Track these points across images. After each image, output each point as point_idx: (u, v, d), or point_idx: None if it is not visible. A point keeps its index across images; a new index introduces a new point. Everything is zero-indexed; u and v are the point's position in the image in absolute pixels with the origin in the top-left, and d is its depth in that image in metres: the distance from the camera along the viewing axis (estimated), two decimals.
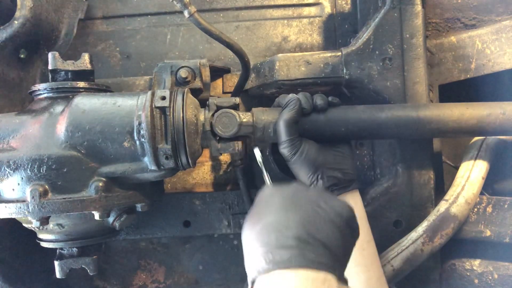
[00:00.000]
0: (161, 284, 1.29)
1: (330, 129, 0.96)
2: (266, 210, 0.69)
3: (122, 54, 1.27)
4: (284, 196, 0.70)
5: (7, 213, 0.87)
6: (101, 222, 0.95)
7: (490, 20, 1.19)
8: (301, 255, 0.59)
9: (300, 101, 0.93)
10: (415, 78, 1.06)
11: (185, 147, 0.90)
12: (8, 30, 1.06)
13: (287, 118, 0.91)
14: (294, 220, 0.64)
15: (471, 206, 1.06)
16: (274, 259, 0.60)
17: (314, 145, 0.94)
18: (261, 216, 0.68)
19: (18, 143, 0.89)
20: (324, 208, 0.67)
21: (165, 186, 1.23)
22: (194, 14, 0.99)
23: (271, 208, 0.68)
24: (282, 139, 0.92)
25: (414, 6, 1.06)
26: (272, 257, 0.60)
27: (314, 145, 0.94)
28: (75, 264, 1.00)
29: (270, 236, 0.63)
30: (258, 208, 0.72)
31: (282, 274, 0.59)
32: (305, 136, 0.95)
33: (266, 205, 0.70)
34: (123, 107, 0.90)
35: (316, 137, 0.95)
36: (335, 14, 1.25)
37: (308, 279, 0.58)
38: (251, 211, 0.73)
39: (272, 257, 0.60)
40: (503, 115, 0.96)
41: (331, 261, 0.61)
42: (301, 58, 1.09)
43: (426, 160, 1.10)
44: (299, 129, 0.94)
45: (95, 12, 1.27)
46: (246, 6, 1.27)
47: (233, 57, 1.14)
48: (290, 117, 0.91)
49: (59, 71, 1.00)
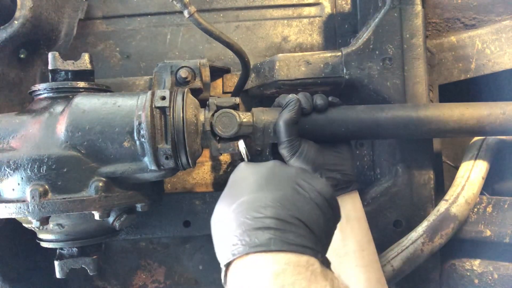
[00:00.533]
0: (161, 284, 1.29)
1: (330, 129, 0.95)
2: (242, 188, 0.63)
3: (122, 54, 1.27)
4: (261, 173, 0.65)
5: (7, 213, 0.87)
6: (101, 222, 0.95)
7: (490, 20, 1.19)
8: (281, 237, 0.54)
9: (300, 101, 0.93)
10: (415, 78, 1.06)
11: (185, 147, 0.90)
12: (8, 30, 1.06)
13: (287, 118, 0.91)
14: (272, 199, 0.58)
15: (471, 206, 1.06)
16: (251, 241, 0.54)
17: (313, 146, 0.93)
18: (236, 194, 0.62)
19: (18, 143, 0.89)
20: (304, 186, 0.62)
21: (165, 186, 1.23)
22: (194, 14, 0.99)
23: (248, 186, 0.62)
24: (281, 139, 0.92)
25: (414, 6, 1.06)
26: (249, 239, 0.54)
27: (313, 146, 0.93)
28: (75, 264, 1.00)
29: (246, 216, 0.57)
30: (233, 186, 0.67)
31: (260, 258, 0.53)
32: (305, 136, 0.94)
33: (242, 183, 0.64)
34: (123, 107, 0.90)
35: (316, 137, 0.95)
36: (335, 14, 1.25)
37: (290, 264, 0.52)
38: (225, 190, 0.67)
39: (249, 239, 0.54)
40: (503, 115, 0.96)
41: (314, 243, 0.56)
42: (301, 58, 1.09)
43: (426, 160, 1.10)
44: (299, 129, 0.93)
45: (95, 12, 1.27)
46: (246, 6, 1.27)
47: (233, 57, 1.14)
48: (289, 117, 0.91)
49: (59, 71, 1.00)
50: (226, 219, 0.60)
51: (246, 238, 0.55)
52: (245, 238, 0.55)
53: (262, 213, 0.56)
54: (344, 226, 0.88)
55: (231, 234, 0.57)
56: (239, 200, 0.60)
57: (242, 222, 0.57)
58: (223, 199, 0.65)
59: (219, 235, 0.61)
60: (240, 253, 0.54)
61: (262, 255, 0.53)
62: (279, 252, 0.53)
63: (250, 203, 0.59)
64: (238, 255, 0.54)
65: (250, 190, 0.61)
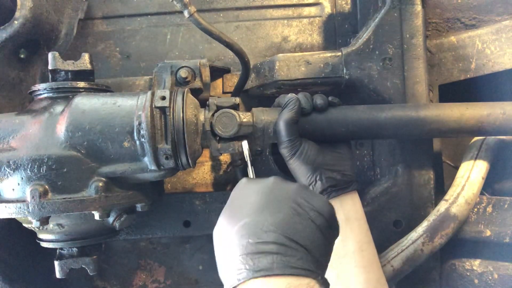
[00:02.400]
0: (161, 284, 1.29)
1: (330, 129, 0.95)
2: (244, 208, 0.66)
3: (122, 54, 1.27)
4: (261, 192, 0.67)
5: (7, 213, 0.87)
6: (101, 222, 0.95)
7: (490, 20, 1.19)
8: (282, 261, 0.57)
9: (299, 101, 0.93)
10: (415, 78, 1.06)
11: (185, 147, 0.90)
12: (8, 30, 1.06)
13: (286, 118, 0.91)
14: (273, 223, 0.61)
15: (471, 206, 1.06)
16: (254, 266, 0.57)
17: (313, 146, 0.93)
18: (238, 214, 0.65)
19: (18, 143, 0.89)
20: (304, 206, 0.64)
21: (165, 186, 1.23)
22: (194, 14, 0.99)
23: (248, 206, 0.65)
24: (281, 139, 0.92)
25: (414, 6, 1.06)
26: (252, 264, 0.57)
27: (313, 146, 0.93)
28: (75, 264, 1.00)
29: (248, 240, 0.60)
30: (234, 205, 0.70)
31: (263, 282, 0.56)
32: (305, 136, 0.94)
33: (243, 202, 0.67)
34: (123, 107, 0.90)
35: (316, 137, 0.95)
36: (335, 14, 1.25)
37: (291, 287, 0.55)
38: (227, 207, 0.70)
39: (252, 263, 0.57)
40: (503, 115, 0.96)
41: (313, 265, 0.59)
42: (301, 58, 1.09)
43: (426, 160, 1.10)
44: (299, 129, 0.93)
45: (95, 12, 1.27)
46: (246, 6, 1.27)
47: (233, 57, 1.14)
48: (289, 117, 0.91)
49: (59, 71, 1.00)
50: (229, 240, 0.63)
51: (250, 263, 0.58)
52: (248, 262, 0.58)
53: (264, 239, 0.59)
54: (343, 227, 0.88)
55: (235, 257, 0.60)
56: (241, 222, 0.63)
57: (245, 245, 0.60)
58: (226, 217, 0.68)
59: (223, 256, 0.64)
60: (245, 278, 0.57)
61: (266, 280, 0.56)
62: (281, 276, 0.56)
63: (252, 226, 0.61)
64: (242, 280, 0.57)
65: (252, 212, 0.64)
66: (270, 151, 1.21)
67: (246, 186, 0.72)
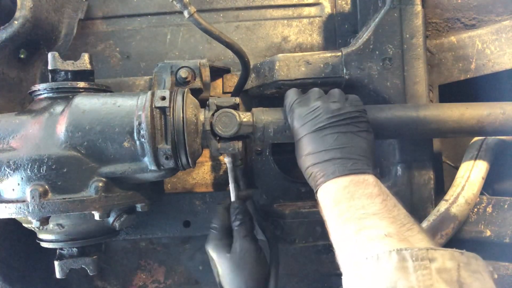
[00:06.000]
0: (161, 284, 1.30)
1: None
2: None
3: (122, 54, 1.27)
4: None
5: (7, 213, 0.87)
6: (101, 222, 0.95)
7: (490, 20, 1.19)
8: (341, 167, 0.80)
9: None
10: (415, 78, 1.06)
11: (185, 147, 0.90)
12: (8, 30, 1.06)
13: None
14: (329, 145, 0.83)
15: (471, 206, 1.06)
16: (325, 173, 0.80)
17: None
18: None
19: (18, 143, 0.89)
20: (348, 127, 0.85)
21: (165, 186, 1.23)
22: (194, 14, 0.99)
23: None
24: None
25: (414, 6, 1.06)
26: (323, 172, 0.81)
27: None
28: (75, 264, 1.00)
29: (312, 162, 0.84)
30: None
31: (333, 181, 0.79)
32: None
33: None
34: (123, 107, 0.90)
35: None
36: (335, 14, 1.25)
37: (352, 180, 0.78)
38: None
39: (323, 172, 0.81)
40: (503, 115, 0.96)
41: (365, 165, 0.81)
42: (301, 58, 1.09)
43: (426, 160, 1.10)
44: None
45: (95, 12, 1.27)
46: (246, 6, 1.27)
47: (233, 57, 1.14)
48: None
49: (59, 71, 1.00)
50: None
51: (321, 173, 0.82)
52: (320, 173, 0.82)
53: (324, 157, 0.82)
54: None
55: (311, 171, 0.84)
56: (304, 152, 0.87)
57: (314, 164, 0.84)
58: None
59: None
60: (322, 182, 0.81)
61: (335, 179, 0.79)
62: (344, 176, 0.79)
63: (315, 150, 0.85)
64: (321, 184, 0.81)
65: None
66: (270, 151, 1.21)
67: None
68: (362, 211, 0.73)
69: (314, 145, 0.84)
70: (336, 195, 0.78)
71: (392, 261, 0.61)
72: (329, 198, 0.79)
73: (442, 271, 0.60)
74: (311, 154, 0.84)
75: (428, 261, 0.60)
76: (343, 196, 0.77)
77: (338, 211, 0.76)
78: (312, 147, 0.84)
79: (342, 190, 0.78)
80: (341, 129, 0.84)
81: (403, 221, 0.72)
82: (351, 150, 0.82)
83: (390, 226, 0.70)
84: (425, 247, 0.62)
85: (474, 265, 0.63)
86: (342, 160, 0.80)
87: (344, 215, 0.75)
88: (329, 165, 0.81)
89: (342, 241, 0.74)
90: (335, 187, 0.79)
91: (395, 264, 0.61)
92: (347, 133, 0.84)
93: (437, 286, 0.58)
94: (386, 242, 0.67)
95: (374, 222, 0.71)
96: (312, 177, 0.84)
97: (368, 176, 0.79)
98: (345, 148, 0.82)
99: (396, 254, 0.61)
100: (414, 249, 0.61)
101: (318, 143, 0.83)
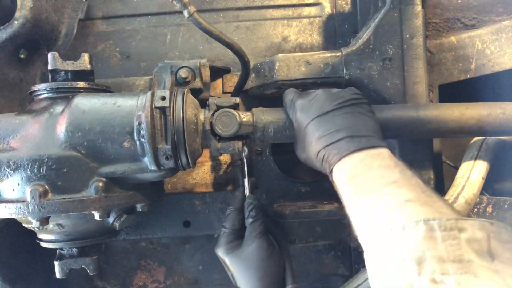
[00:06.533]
0: (161, 284, 1.30)
1: None
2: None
3: (122, 54, 1.27)
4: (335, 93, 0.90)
5: (7, 213, 0.87)
6: (101, 222, 0.95)
7: (490, 20, 1.19)
8: (354, 144, 0.79)
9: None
10: (415, 78, 1.06)
11: (185, 147, 0.90)
12: (8, 30, 1.06)
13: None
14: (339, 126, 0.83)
15: (471, 206, 1.06)
16: (339, 151, 0.80)
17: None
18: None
19: (18, 143, 0.89)
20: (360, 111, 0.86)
21: (165, 186, 1.23)
22: (194, 14, 0.99)
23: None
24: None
25: (414, 6, 1.06)
26: (337, 151, 0.80)
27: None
28: (75, 264, 1.00)
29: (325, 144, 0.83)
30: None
31: (349, 156, 0.79)
32: None
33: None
34: (123, 107, 0.90)
35: None
36: (335, 14, 1.25)
37: (368, 154, 0.78)
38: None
39: (336, 151, 0.80)
40: (503, 115, 0.96)
41: (377, 140, 0.81)
42: (301, 58, 1.09)
43: (426, 160, 1.10)
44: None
45: (95, 12, 1.27)
46: (246, 6, 1.27)
47: (233, 57, 1.14)
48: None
49: (59, 71, 1.00)
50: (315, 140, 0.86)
51: (334, 150, 0.81)
52: (333, 150, 0.81)
53: (337, 137, 0.82)
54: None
55: (328, 149, 0.82)
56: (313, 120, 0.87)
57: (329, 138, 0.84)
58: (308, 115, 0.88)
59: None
60: (338, 158, 0.80)
61: (350, 155, 0.79)
62: (359, 151, 0.79)
63: (327, 132, 0.84)
64: (337, 161, 0.80)
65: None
66: (270, 151, 1.21)
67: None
68: (380, 181, 0.73)
69: (324, 127, 0.83)
70: (352, 169, 0.77)
71: (420, 231, 0.60)
72: (345, 174, 0.78)
73: (472, 241, 0.58)
74: (322, 137, 0.82)
75: (457, 231, 0.58)
76: (360, 169, 0.77)
77: (355, 184, 0.75)
78: (323, 129, 0.83)
79: (358, 164, 0.77)
80: (348, 109, 0.84)
81: (422, 189, 0.71)
82: (363, 128, 0.82)
83: (411, 192, 0.69)
84: (454, 217, 0.60)
85: (504, 235, 0.60)
86: (355, 138, 0.80)
87: (362, 187, 0.74)
88: (343, 143, 0.80)
89: (360, 213, 0.73)
90: (351, 162, 0.78)
91: (422, 234, 0.59)
92: (354, 113, 0.84)
93: (467, 256, 0.56)
94: (409, 207, 0.66)
95: (393, 189, 0.71)
96: (325, 159, 0.82)
97: (383, 150, 0.80)
98: (355, 127, 0.82)
99: (423, 224, 0.60)
100: (442, 218, 0.60)
101: (328, 125, 0.83)
